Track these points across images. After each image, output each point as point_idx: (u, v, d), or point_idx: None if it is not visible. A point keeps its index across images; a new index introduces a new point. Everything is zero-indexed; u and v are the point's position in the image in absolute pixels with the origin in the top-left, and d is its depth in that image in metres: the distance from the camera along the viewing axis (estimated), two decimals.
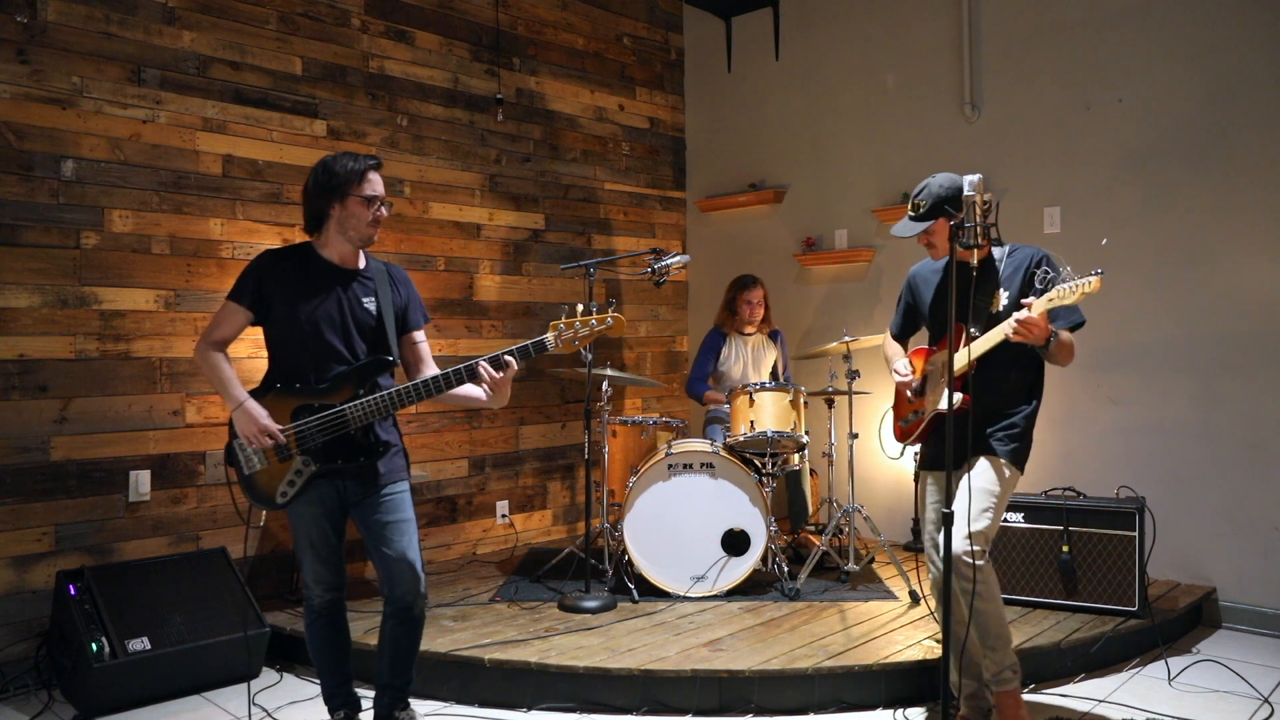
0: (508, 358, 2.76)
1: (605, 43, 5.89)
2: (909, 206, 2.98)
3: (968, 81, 4.99)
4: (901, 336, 3.36)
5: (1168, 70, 4.40)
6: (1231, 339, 4.24)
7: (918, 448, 3.19)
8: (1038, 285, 2.90)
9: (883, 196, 5.35)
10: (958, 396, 2.82)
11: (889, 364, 3.28)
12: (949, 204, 2.88)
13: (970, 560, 2.82)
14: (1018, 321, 2.75)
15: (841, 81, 5.57)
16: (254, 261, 2.82)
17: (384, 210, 2.80)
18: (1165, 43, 4.40)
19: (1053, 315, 2.82)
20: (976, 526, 2.85)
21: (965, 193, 2.71)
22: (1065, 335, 2.86)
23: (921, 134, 5.21)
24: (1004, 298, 2.95)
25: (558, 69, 5.61)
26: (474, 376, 2.76)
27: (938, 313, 3.09)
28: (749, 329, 5.05)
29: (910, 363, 3.13)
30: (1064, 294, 2.67)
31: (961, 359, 2.85)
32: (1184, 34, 4.35)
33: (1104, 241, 4.28)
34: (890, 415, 3.30)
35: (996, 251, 3.02)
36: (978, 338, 2.87)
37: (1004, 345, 2.84)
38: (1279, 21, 4.12)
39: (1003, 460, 2.94)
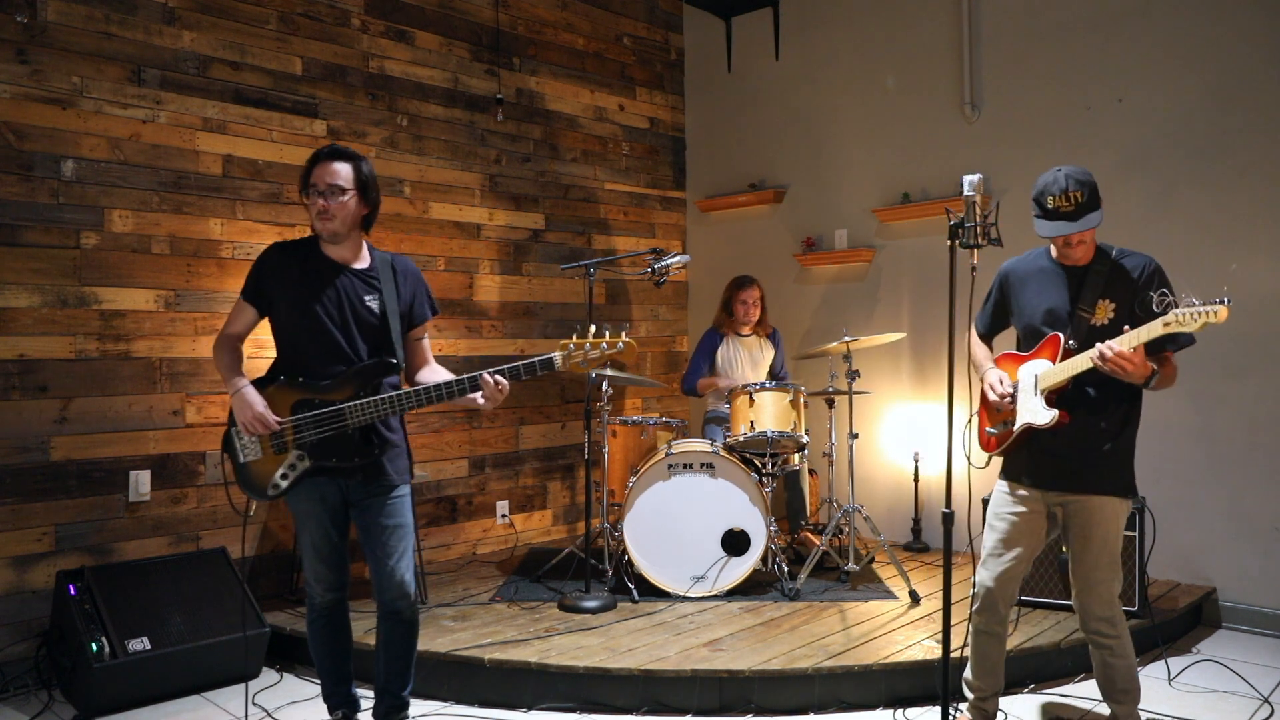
0: (500, 378, 2.72)
1: (605, 43, 5.89)
2: (1062, 201, 2.66)
3: (968, 81, 4.99)
4: (989, 335, 3.09)
5: (1168, 70, 4.40)
6: (1231, 339, 4.24)
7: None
8: (1155, 309, 2.55)
9: (883, 196, 5.35)
10: (1054, 413, 2.69)
11: (977, 367, 3.02)
12: (1098, 192, 2.67)
13: (1111, 619, 2.80)
14: (1112, 356, 2.53)
15: (841, 81, 5.57)
16: (260, 256, 2.83)
17: (326, 201, 2.70)
18: (1165, 43, 4.40)
19: (1166, 340, 2.58)
20: (1115, 587, 2.80)
21: (965, 193, 2.69)
22: (1168, 365, 2.67)
23: (921, 134, 5.21)
24: (1109, 310, 2.71)
25: (558, 69, 5.60)
26: (476, 388, 2.73)
27: (1034, 318, 2.84)
28: (746, 329, 5.05)
29: (1005, 377, 2.87)
30: (1183, 321, 2.41)
31: (1057, 374, 2.69)
32: (1184, 34, 4.35)
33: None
34: (975, 421, 3.01)
35: (1101, 256, 2.77)
36: (1076, 351, 2.68)
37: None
38: (1279, 21, 4.12)
39: (1118, 499, 2.78)
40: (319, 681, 3.03)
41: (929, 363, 5.17)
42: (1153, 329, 2.51)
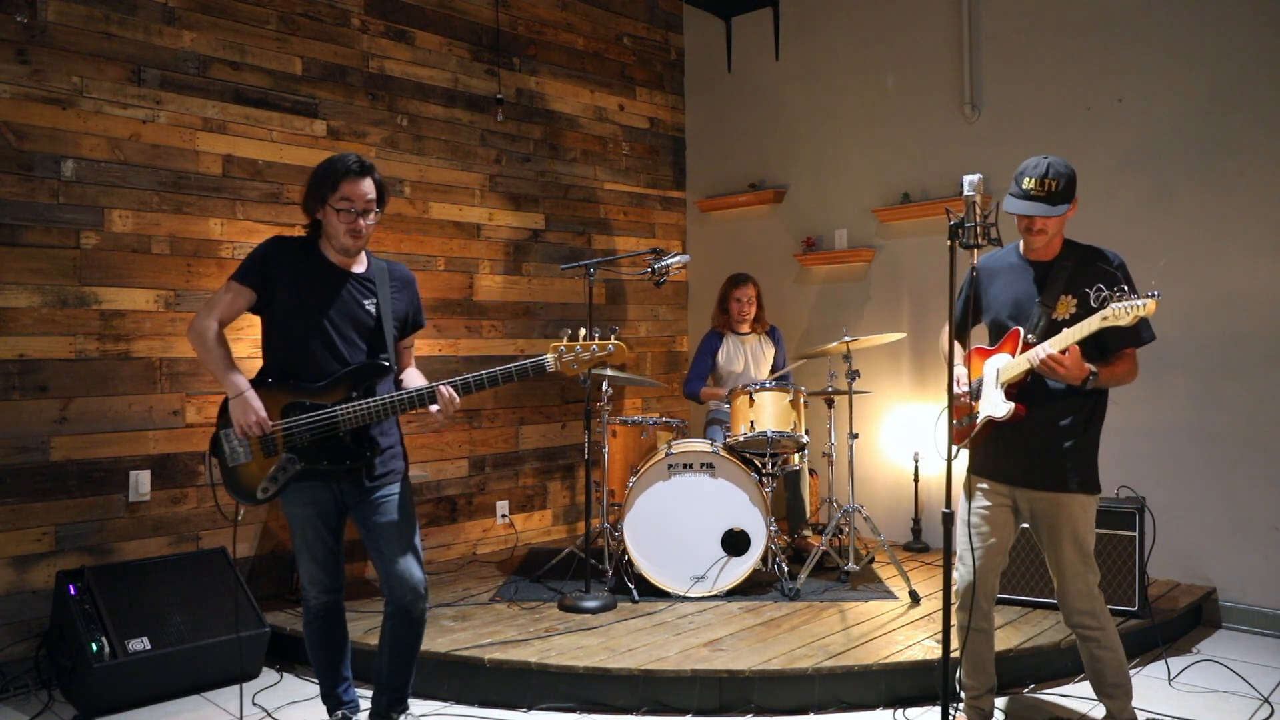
0: (452, 391, 2.73)
1: (605, 43, 5.89)
2: (1035, 185, 2.71)
3: (968, 81, 4.99)
4: (961, 330, 3.10)
5: (1168, 70, 4.40)
6: (1231, 339, 4.24)
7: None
8: (1092, 304, 2.64)
9: (883, 196, 5.35)
10: (1010, 406, 2.73)
11: (945, 359, 3.05)
12: (1074, 187, 2.71)
13: (1092, 611, 2.82)
14: (1043, 358, 2.60)
15: (841, 81, 5.57)
16: (261, 245, 2.78)
17: (364, 221, 2.71)
18: (1165, 43, 4.40)
19: (1112, 336, 2.65)
20: (1091, 579, 2.83)
21: (965, 193, 2.69)
22: (1123, 362, 2.70)
23: (921, 134, 5.21)
24: (1071, 305, 2.75)
25: (558, 69, 5.61)
26: (435, 400, 2.75)
27: (1000, 312, 2.91)
28: (744, 328, 5.05)
29: (963, 376, 2.92)
30: (1117, 315, 2.49)
31: (1013, 368, 2.74)
32: (1184, 34, 4.35)
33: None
34: (945, 415, 3.05)
35: (1068, 251, 2.82)
36: (1035, 344, 2.72)
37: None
38: (1279, 21, 4.12)
39: (1083, 495, 2.81)
40: (317, 682, 3.03)
41: (929, 363, 5.17)
42: (1090, 324, 2.57)
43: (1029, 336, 2.77)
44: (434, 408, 2.75)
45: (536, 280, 5.46)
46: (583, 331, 2.79)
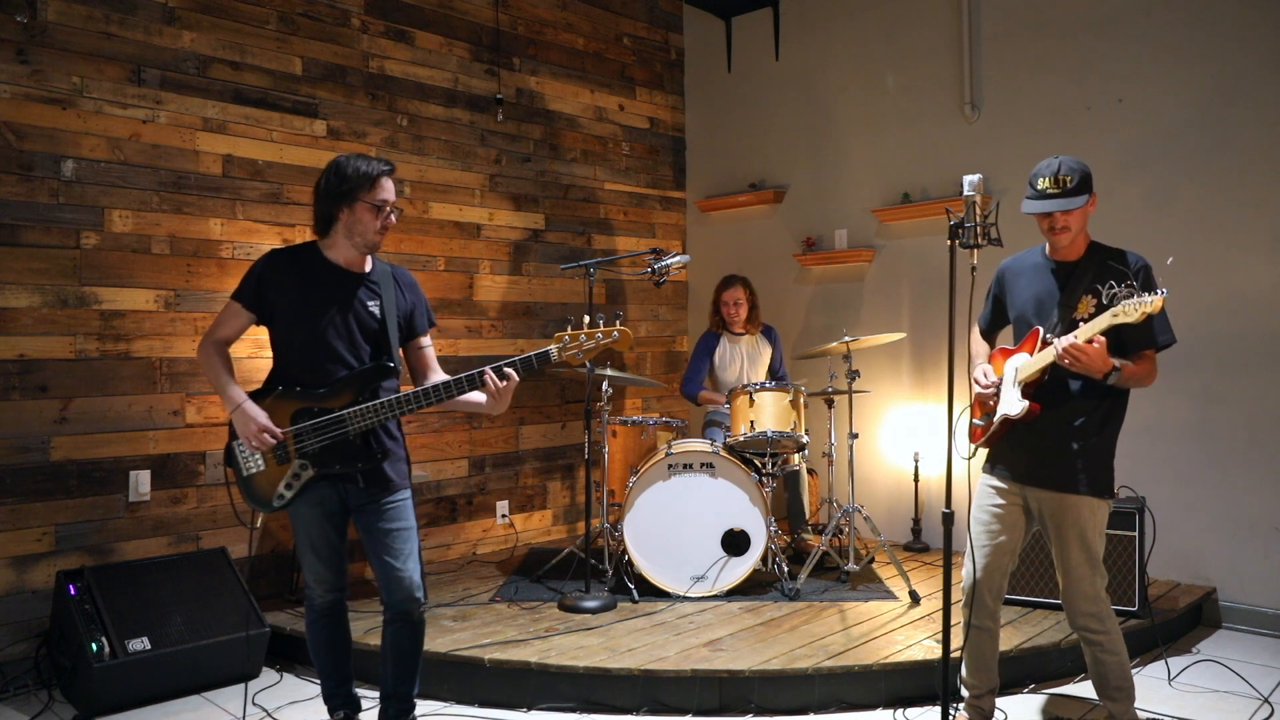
0: (509, 369, 2.74)
1: (605, 43, 5.89)
2: (1050, 183, 2.71)
3: (968, 81, 4.99)
4: (989, 332, 3.14)
5: (1168, 70, 4.40)
6: (1231, 339, 4.24)
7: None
8: (1104, 301, 2.69)
9: (883, 196, 5.35)
10: (1025, 404, 2.74)
11: (971, 362, 3.10)
12: (1089, 182, 2.72)
13: (1097, 615, 2.81)
14: (1065, 347, 2.61)
15: (841, 81, 5.57)
16: (258, 262, 2.80)
17: (393, 217, 2.78)
18: (1165, 43, 4.40)
19: (1129, 333, 2.66)
20: (1099, 583, 2.82)
21: (965, 193, 2.69)
22: (1143, 363, 2.70)
23: (921, 134, 5.21)
24: (1091, 305, 2.75)
25: (558, 69, 5.61)
26: (475, 385, 2.73)
27: (1023, 311, 2.91)
28: (738, 329, 5.05)
29: (990, 370, 2.94)
30: (1127, 311, 2.52)
31: (1031, 366, 2.75)
32: (1184, 35, 4.35)
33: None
34: (968, 413, 3.06)
35: (1093, 253, 2.82)
36: (1053, 342, 2.72)
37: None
38: (1279, 22, 4.12)
39: (1092, 498, 2.80)
40: (319, 682, 3.03)
41: (929, 363, 5.17)
42: (1100, 321, 2.59)
43: (1047, 335, 2.77)
44: (474, 394, 2.74)
45: (536, 280, 5.46)
46: (586, 319, 2.79)
